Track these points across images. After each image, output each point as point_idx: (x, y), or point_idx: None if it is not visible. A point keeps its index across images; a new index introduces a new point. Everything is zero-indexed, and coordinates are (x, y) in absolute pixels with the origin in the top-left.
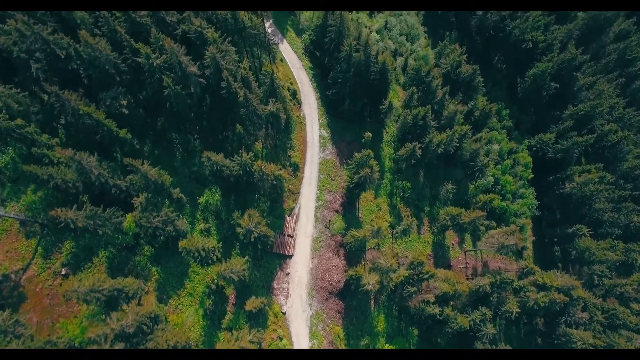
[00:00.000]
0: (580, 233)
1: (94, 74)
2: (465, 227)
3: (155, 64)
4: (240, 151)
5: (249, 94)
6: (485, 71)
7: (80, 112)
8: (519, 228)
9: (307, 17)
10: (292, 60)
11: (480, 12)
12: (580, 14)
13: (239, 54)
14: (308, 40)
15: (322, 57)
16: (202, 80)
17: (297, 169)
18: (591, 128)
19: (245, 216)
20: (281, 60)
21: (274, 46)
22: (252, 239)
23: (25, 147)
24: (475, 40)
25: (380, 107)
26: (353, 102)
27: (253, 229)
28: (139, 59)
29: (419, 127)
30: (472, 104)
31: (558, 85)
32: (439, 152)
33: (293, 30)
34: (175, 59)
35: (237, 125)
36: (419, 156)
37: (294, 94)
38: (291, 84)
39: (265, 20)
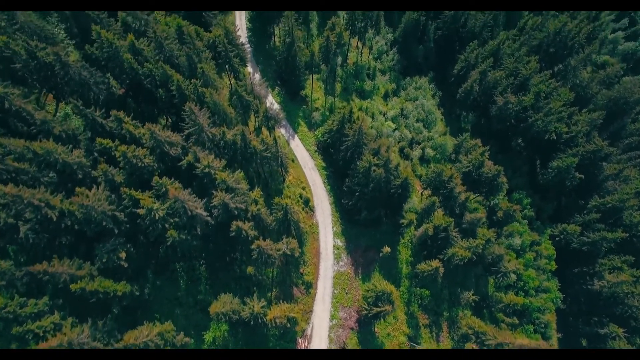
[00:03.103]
0: (614, 334)
1: (89, 231)
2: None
3: (157, 216)
4: (250, 301)
5: (261, 243)
6: (504, 155)
7: (72, 287)
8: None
9: (320, 113)
10: (304, 159)
11: (501, 102)
12: (601, 99)
13: (248, 178)
14: (322, 139)
15: (336, 157)
16: (209, 219)
17: (309, 286)
18: (619, 219)
19: None
20: (293, 160)
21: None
22: None
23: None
24: (493, 122)
25: (401, 222)
26: (370, 212)
27: None
28: (140, 210)
29: (439, 239)
30: (495, 201)
31: (583, 177)
32: (461, 263)
33: (305, 124)
34: (180, 205)
35: (249, 267)
36: (441, 274)
37: (307, 201)
38: (303, 188)
39: (277, 127)
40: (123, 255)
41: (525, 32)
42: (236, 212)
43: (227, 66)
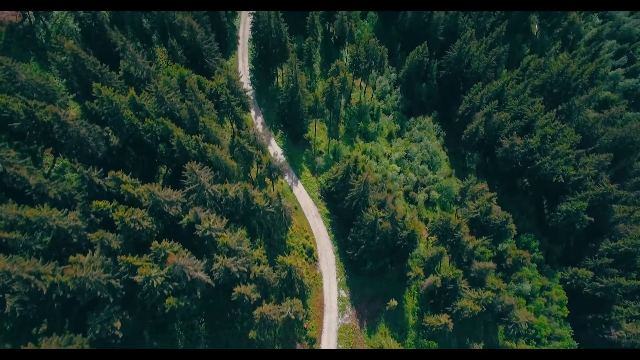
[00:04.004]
0: None
1: (82, 300)
2: None
3: (156, 283)
4: None
5: (264, 309)
6: (510, 196)
7: None
8: None
9: (324, 158)
10: (308, 207)
11: (507, 144)
12: (607, 139)
13: (250, 230)
14: (326, 186)
15: (340, 206)
16: (210, 281)
17: (313, 341)
18: (632, 263)
19: None
20: (296, 208)
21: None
22: None
23: None
24: (499, 163)
25: (408, 275)
26: (375, 263)
27: None
28: (137, 278)
29: (448, 290)
30: (503, 247)
31: (593, 219)
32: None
33: (308, 168)
34: (179, 270)
35: (251, 332)
36: (450, 329)
37: (311, 251)
38: (307, 237)
39: (281, 177)
40: (118, 325)
41: (529, 74)
42: (238, 275)
43: (229, 115)
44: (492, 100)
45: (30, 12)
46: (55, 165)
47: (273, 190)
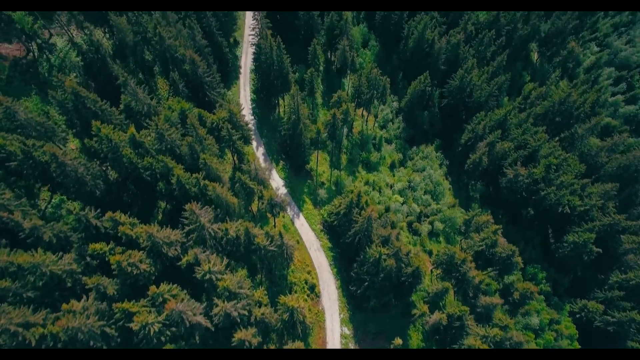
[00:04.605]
0: None
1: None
2: None
3: (153, 331)
4: None
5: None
6: (515, 226)
7: None
8: None
9: (326, 189)
10: (310, 240)
11: (511, 175)
12: (611, 167)
13: (251, 266)
14: (328, 220)
15: (343, 240)
16: (209, 325)
17: None
18: None
19: None
20: (297, 241)
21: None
22: None
23: None
24: (503, 192)
25: (412, 312)
26: (379, 299)
27: None
28: (133, 325)
29: (454, 327)
30: (509, 280)
31: (601, 250)
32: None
33: (310, 200)
34: (177, 315)
35: None
36: None
37: (313, 287)
38: (309, 272)
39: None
40: None
41: (531, 102)
42: (239, 320)
43: (231, 148)
44: (495, 129)
45: (34, 46)
46: (52, 200)
47: (275, 227)
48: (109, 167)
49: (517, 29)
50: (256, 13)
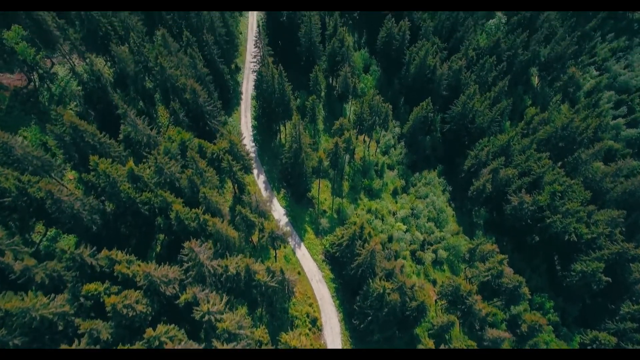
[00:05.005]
0: None
1: None
2: None
3: None
4: None
5: None
6: (521, 253)
7: None
8: None
9: (328, 218)
10: (312, 271)
11: (516, 202)
12: (616, 192)
13: (251, 300)
14: (330, 250)
15: (346, 272)
16: None
17: None
18: None
19: None
20: (299, 273)
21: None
22: None
23: None
24: (507, 219)
25: (418, 346)
26: (383, 333)
27: None
28: None
29: None
30: (516, 310)
31: (610, 280)
32: None
33: (312, 230)
34: None
35: None
36: None
37: (314, 320)
38: (310, 305)
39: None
40: None
41: (533, 128)
42: None
43: (231, 178)
44: (499, 156)
45: (36, 76)
46: (48, 234)
47: (276, 259)
48: (105, 203)
49: (518, 54)
50: (258, 40)
